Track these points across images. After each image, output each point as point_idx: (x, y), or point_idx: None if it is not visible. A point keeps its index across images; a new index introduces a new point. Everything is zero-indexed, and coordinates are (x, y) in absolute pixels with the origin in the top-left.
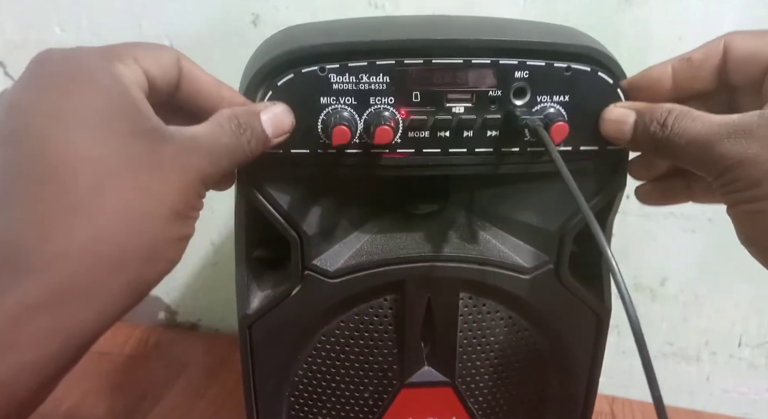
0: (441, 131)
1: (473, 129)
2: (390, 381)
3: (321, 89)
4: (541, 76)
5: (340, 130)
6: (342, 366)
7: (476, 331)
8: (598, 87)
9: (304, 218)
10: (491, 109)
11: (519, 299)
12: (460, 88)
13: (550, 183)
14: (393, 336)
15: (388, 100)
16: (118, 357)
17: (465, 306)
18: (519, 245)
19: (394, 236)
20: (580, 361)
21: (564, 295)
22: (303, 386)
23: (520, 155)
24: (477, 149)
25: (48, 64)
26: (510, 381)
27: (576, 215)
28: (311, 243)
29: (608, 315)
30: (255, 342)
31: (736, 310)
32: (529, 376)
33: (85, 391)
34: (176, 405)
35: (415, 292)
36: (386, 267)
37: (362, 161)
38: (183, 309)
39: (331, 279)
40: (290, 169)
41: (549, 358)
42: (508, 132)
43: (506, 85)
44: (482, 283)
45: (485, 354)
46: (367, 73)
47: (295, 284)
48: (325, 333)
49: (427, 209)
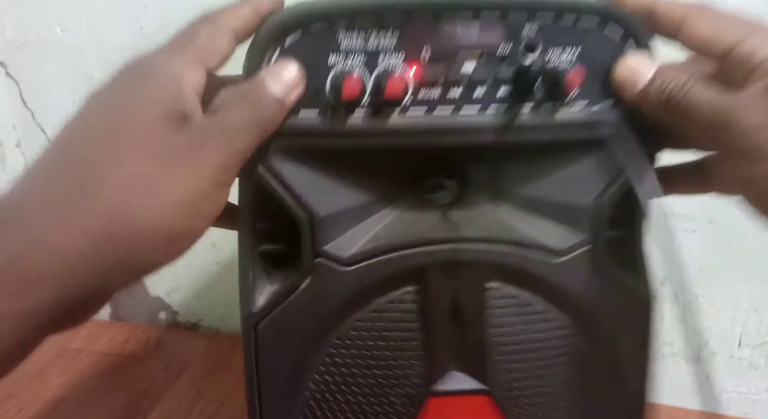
0: (452, 89)
1: (485, 86)
2: (415, 388)
3: (329, 48)
4: (550, 29)
5: (351, 81)
6: (360, 375)
7: (510, 327)
8: (609, 40)
9: (314, 198)
10: (502, 64)
11: (553, 286)
12: (470, 43)
13: (576, 154)
14: (417, 334)
15: (397, 58)
16: (118, 357)
17: (495, 297)
18: (548, 226)
19: (412, 221)
20: (630, 363)
21: (603, 280)
22: (315, 401)
23: (534, 112)
24: (490, 107)
25: (126, 65)
26: (553, 389)
27: (610, 187)
28: (322, 226)
29: (654, 302)
30: (261, 346)
31: (736, 310)
32: (575, 384)
33: (85, 391)
34: (176, 405)
35: (438, 281)
36: (405, 251)
37: (372, 125)
38: (183, 310)
39: (345, 267)
40: (298, 139)
41: (594, 360)
42: (521, 88)
43: (516, 39)
44: (511, 268)
45: (522, 355)
46: (376, 30)
47: (305, 273)
48: (339, 335)
49: (445, 198)
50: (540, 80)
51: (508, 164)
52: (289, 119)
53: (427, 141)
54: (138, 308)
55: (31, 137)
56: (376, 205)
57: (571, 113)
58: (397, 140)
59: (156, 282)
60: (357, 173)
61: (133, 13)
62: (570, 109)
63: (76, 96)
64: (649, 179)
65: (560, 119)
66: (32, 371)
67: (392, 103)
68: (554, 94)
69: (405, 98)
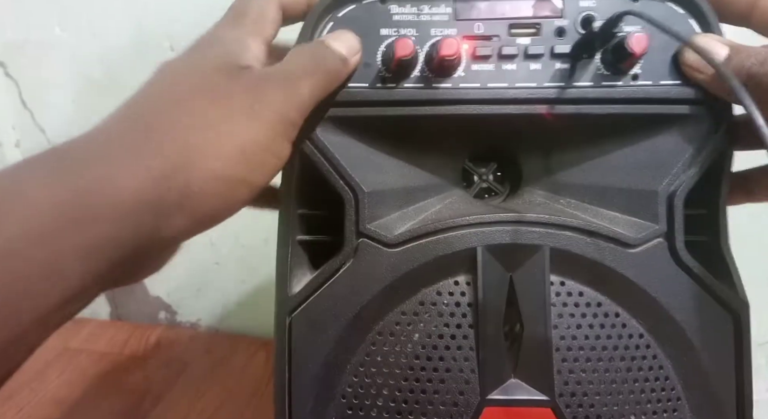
0: (506, 64)
1: (541, 61)
2: (468, 396)
3: (382, 21)
4: (608, 4)
5: (404, 42)
6: (403, 377)
7: (575, 330)
8: (669, 17)
9: (360, 173)
10: (559, 40)
11: (626, 284)
12: (525, 17)
13: (640, 136)
14: (469, 331)
15: (450, 31)
16: (118, 357)
17: (557, 294)
18: (616, 218)
19: (463, 207)
20: (721, 385)
21: (684, 280)
22: (352, 409)
23: (593, 87)
24: (546, 84)
25: (192, 41)
26: (629, 409)
27: (685, 170)
28: (368, 204)
29: (747, 312)
30: (295, 337)
31: None
32: (654, 406)
33: (85, 391)
34: (176, 405)
35: (493, 268)
36: (457, 232)
37: (424, 93)
38: (183, 309)
39: (390, 248)
40: (347, 109)
41: (675, 380)
42: (580, 65)
43: (573, 14)
44: (576, 257)
45: (592, 364)
46: (429, 3)
47: (347, 254)
48: (381, 330)
49: (497, 200)
50: (600, 52)
51: (566, 151)
52: (337, 89)
53: (481, 111)
54: (138, 308)
55: (31, 137)
56: (425, 192)
57: (635, 85)
58: (448, 110)
59: (156, 282)
60: (406, 156)
61: (133, 13)
62: (632, 85)
63: (76, 96)
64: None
65: (623, 92)
66: (32, 371)
67: (445, 68)
68: (616, 66)
69: (458, 71)
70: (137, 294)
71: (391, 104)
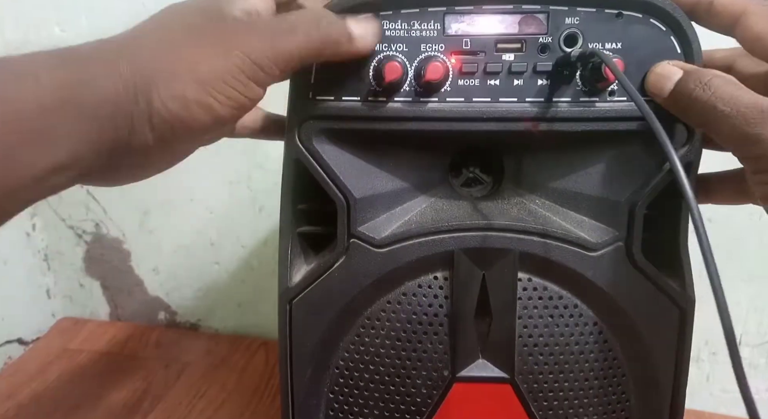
0: (491, 80)
1: (524, 77)
2: (441, 373)
3: None
4: (592, 22)
5: (392, 65)
6: (387, 355)
7: (537, 319)
8: (651, 34)
9: (352, 181)
10: (542, 56)
11: (585, 282)
12: (510, 35)
13: (613, 149)
14: (444, 320)
15: (438, 47)
16: (118, 357)
17: (524, 289)
18: (583, 221)
19: (445, 208)
20: (661, 367)
21: (638, 280)
22: (344, 378)
23: (572, 104)
24: (528, 99)
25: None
26: (578, 385)
27: (648, 183)
28: (358, 208)
29: (692, 306)
30: (295, 321)
31: (736, 310)
32: (601, 382)
33: (85, 391)
34: (176, 405)
35: (469, 268)
36: (437, 235)
37: (412, 110)
38: (183, 310)
39: (378, 248)
40: (340, 122)
41: (623, 361)
42: (560, 81)
43: (557, 31)
44: (542, 259)
45: (549, 348)
46: (419, 20)
47: (340, 252)
48: (369, 315)
49: (480, 192)
50: (580, 69)
51: (544, 157)
52: (331, 104)
53: (465, 127)
54: (138, 308)
55: None
56: (411, 192)
57: (610, 105)
58: (435, 126)
59: (156, 282)
60: (395, 161)
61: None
62: (608, 101)
63: None
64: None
65: (598, 111)
66: (32, 371)
67: (432, 87)
68: (593, 85)
69: (444, 86)
70: (137, 294)
71: (381, 120)
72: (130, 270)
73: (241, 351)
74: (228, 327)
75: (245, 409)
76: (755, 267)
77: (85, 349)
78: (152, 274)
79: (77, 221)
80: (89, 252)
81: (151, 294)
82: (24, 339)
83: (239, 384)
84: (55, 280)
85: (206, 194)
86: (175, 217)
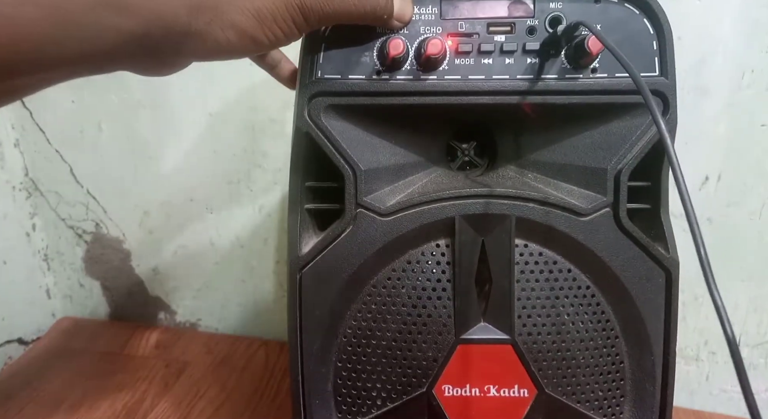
0: (484, 59)
1: (514, 56)
2: (445, 336)
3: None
4: (573, 6)
5: (396, 42)
6: (393, 320)
7: (534, 283)
8: (626, 17)
9: (358, 154)
10: (530, 37)
11: (577, 246)
12: (501, 18)
13: (596, 121)
14: (447, 285)
15: (436, 29)
16: (118, 357)
17: (521, 254)
18: (573, 190)
19: (445, 182)
20: (651, 329)
21: (625, 243)
22: (351, 346)
23: (558, 80)
24: (518, 76)
25: None
26: (575, 346)
27: (630, 151)
28: (364, 180)
29: (677, 269)
30: (304, 290)
31: (736, 310)
32: (596, 343)
33: (85, 391)
34: (176, 405)
35: (468, 233)
36: (438, 203)
37: (413, 85)
38: (183, 309)
39: (383, 217)
40: (347, 98)
41: (615, 323)
42: (547, 59)
43: (542, 15)
44: (538, 225)
45: (546, 310)
46: (418, 5)
47: (347, 222)
48: (375, 283)
49: (476, 173)
50: (564, 48)
51: (534, 135)
52: (338, 81)
53: (462, 101)
54: (138, 308)
55: (30, 137)
56: (414, 167)
57: (593, 80)
58: (434, 100)
59: (156, 282)
60: (397, 139)
61: None
62: (591, 78)
63: (75, 96)
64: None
65: (582, 85)
66: (32, 371)
67: (432, 63)
68: (577, 62)
69: (443, 64)
70: (137, 294)
71: (384, 95)
72: (130, 270)
73: (241, 351)
74: (228, 327)
75: (245, 409)
76: (754, 267)
77: (85, 349)
78: (152, 274)
79: (77, 221)
80: (89, 252)
81: (151, 294)
82: (24, 339)
83: (239, 384)
84: (55, 280)
85: (206, 194)
86: (175, 217)
